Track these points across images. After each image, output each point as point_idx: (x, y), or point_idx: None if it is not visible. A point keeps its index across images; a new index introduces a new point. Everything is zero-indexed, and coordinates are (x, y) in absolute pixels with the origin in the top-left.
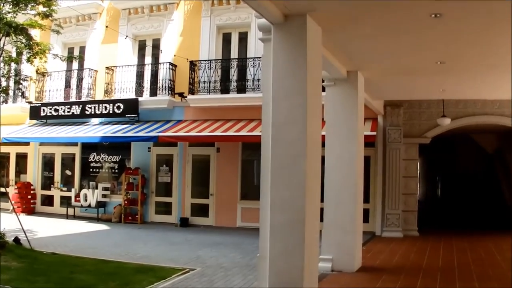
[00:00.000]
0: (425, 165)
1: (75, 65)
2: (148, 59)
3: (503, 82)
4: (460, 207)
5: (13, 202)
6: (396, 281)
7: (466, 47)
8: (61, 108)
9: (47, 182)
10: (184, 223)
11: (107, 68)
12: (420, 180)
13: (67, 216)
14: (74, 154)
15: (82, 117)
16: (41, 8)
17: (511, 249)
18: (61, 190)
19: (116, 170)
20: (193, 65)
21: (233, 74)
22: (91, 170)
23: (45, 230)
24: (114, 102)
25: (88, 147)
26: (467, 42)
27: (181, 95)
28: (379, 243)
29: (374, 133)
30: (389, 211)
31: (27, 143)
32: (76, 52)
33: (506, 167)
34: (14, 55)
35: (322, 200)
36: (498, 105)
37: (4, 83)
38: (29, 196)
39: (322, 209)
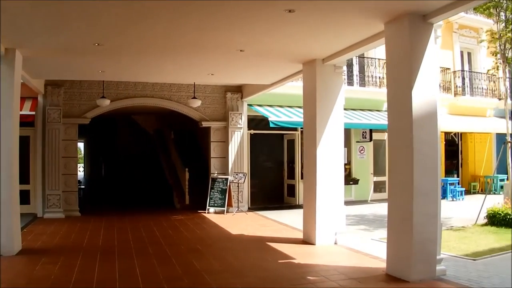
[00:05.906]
0: (89, 145)
1: None
2: None
3: (162, 67)
4: (123, 187)
5: None
6: (56, 262)
7: (120, 32)
8: None
9: None
10: None
11: None
12: (86, 160)
13: None
14: None
15: None
16: None
17: (170, 227)
18: None
19: None
20: None
21: None
22: None
23: None
24: None
25: None
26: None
27: None
28: (40, 225)
29: (33, 112)
30: (50, 192)
31: None
32: None
33: (165, 147)
34: None
35: None
36: (158, 88)
37: None
38: None
39: None
